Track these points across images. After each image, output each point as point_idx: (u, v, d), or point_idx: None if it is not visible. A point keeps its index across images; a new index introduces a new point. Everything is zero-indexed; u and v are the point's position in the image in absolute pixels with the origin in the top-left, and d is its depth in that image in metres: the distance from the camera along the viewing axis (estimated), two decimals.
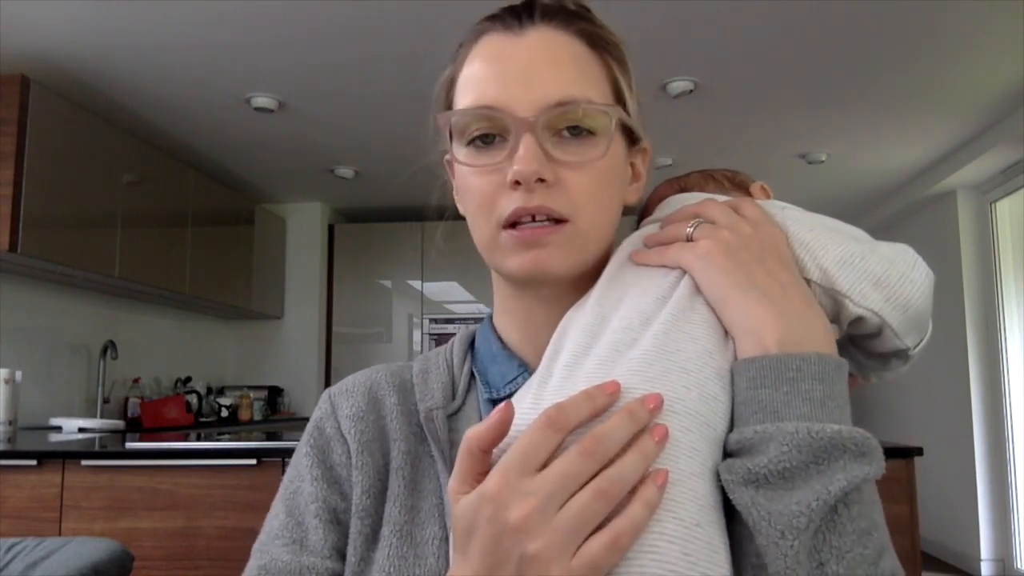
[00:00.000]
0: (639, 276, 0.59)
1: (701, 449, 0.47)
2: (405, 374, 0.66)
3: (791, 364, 0.50)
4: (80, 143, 3.25)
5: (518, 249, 0.57)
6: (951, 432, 4.53)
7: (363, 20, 2.77)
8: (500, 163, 0.57)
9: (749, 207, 0.60)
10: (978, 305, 4.40)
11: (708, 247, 0.56)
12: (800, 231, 0.59)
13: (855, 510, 0.47)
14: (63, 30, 2.80)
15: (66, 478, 2.15)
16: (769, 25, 2.80)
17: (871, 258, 0.57)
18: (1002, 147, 3.81)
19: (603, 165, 0.59)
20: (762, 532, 0.46)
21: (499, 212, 0.57)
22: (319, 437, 0.63)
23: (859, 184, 4.85)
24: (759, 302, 0.53)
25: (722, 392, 0.51)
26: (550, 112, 0.56)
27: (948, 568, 4.49)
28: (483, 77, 0.59)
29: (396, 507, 0.58)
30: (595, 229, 0.59)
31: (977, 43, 2.94)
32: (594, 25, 0.61)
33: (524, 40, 0.59)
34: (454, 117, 0.59)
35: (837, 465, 0.46)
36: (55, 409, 3.43)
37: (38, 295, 3.45)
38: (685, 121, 3.74)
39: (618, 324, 0.53)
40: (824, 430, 0.47)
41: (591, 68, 0.60)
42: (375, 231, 5.37)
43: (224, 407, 4.39)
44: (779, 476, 0.46)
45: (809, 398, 0.49)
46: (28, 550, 1.53)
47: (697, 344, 0.52)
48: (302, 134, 3.92)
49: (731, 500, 0.47)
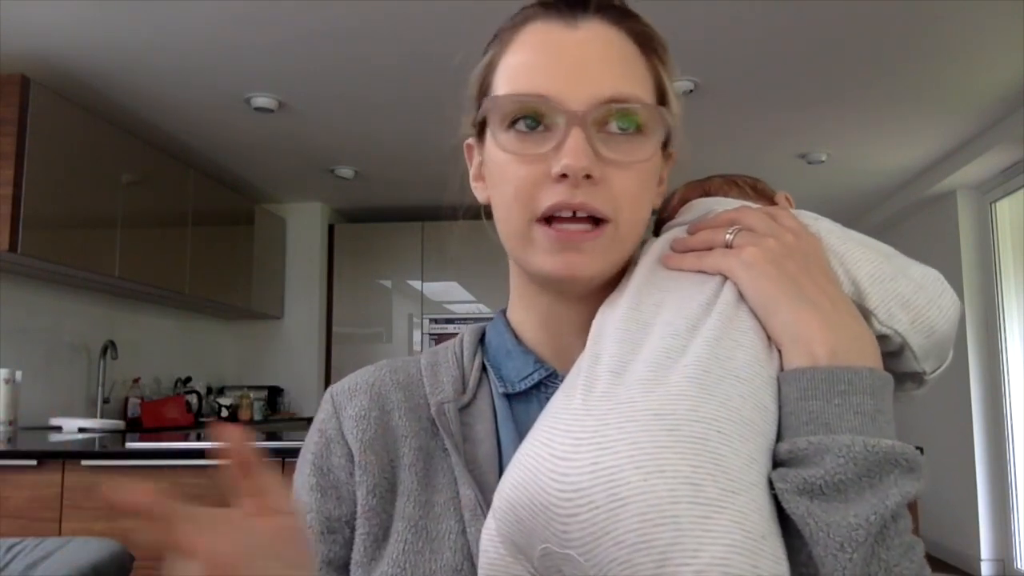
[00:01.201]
0: (676, 281, 0.58)
1: (758, 459, 0.47)
2: (411, 368, 0.65)
3: (843, 377, 0.50)
4: (80, 143, 3.25)
5: (552, 249, 0.56)
6: (951, 432, 4.53)
7: (363, 21, 2.76)
8: (545, 153, 0.55)
9: (787, 217, 0.60)
10: (978, 305, 4.40)
11: (754, 255, 0.56)
12: (835, 243, 0.59)
13: (902, 524, 0.47)
14: (63, 30, 2.80)
15: (66, 478, 2.14)
16: (769, 25, 2.80)
17: (902, 279, 0.57)
18: (1002, 147, 3.81)
19: (646, 167, 0.58)
20: (820, 543, 0.45)
21: (537, 204, 0.55)
22: (320, 440, 0.62)
23: (859, 184, 4.85)
24: (808, 312, 0.52)
25: (771, 402, 0.50)
26: (602, 108, 0.55)
27: (948, 568, 4.49)
28: (534, 65, 0.57)
29: (410, 503, 0.57)
30: (631, 231, 0.58)
31: (977, 43, 2.94)
32: (644, 26, 0.60)
33: (578, 32, 0.57)
34: (501, 101, 0.57)
35: (889, 480, 0.47)
36: (55, 409, 3.42)
37: (38, 295, 3.45)
38: (685, 121, 3.71)
39: (664, 330, 0.53)
40: (880, 444, 0.47)
41: (640, 68, 0.59)
42: (375, 231, 5.37)
43: (224, 407, 4.39)
44: (834, 488, 0.46)
45: (860, 411, 0.49)
46: (28, 550, 1.53)
47: (747, 352, 0.51)
48: (302, 134, 3.92)
49: (785, 510, 0.47)
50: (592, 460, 0.44)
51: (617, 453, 0.44)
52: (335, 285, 5.35)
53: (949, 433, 4.54)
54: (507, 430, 0.60)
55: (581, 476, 0.44)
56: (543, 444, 0.48)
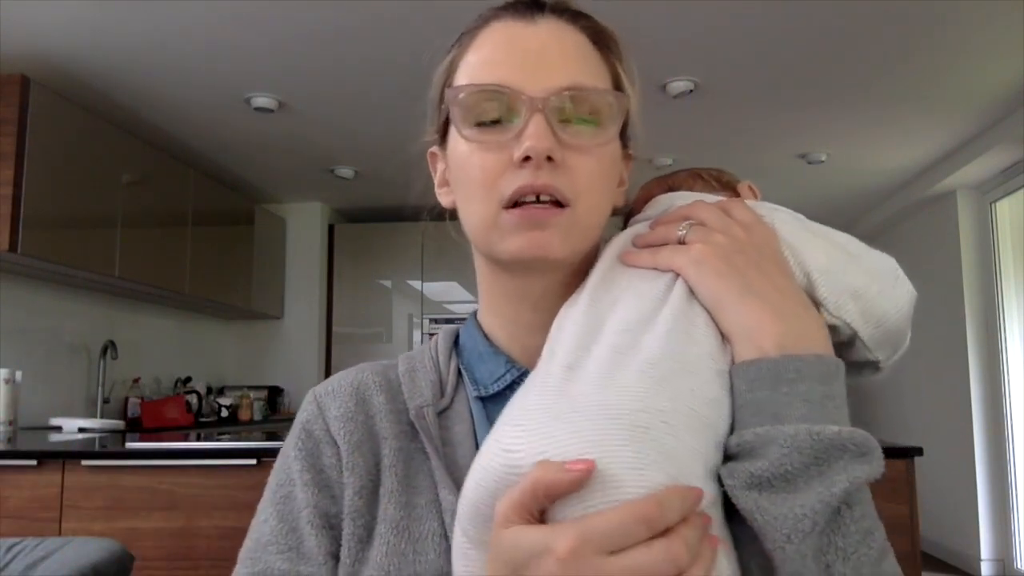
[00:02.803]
0: (631, 277, 0.59)
1: (704, 451, 0.47)
2: (391, 373, 0.66)
3: (790, 366, 0.50)
4: (80, 143, 3.25)
5: (519, 229, 0.57)
6: (951, 432, 4.53)
7: (363, 20, 2.77)
8: (507, 141, 0.57)
9: (740, 209, 0.60)
10: (978, 305, 4.40)
11: (702, 251, 0.56)
12: (788, 234, 0.59)
13: (858, 511, 0.47)
14: (63, 30, 2.80)
15: (66, 478, 2.14)
16: (769, 25, 2.80)
17: (853, 270, 0.58)
18: (1002, 147, 3.81)
19: (605, 153, 0.59)
20: (768, 536, 0.46)
21: (502, 190, 0.57)
22: (307, 440, 0.62)
23: (859, 184, 4.85)
24: (755, 305, 0.53)
25: (723, 394, 0.51)
26: (560, 95, 0.56)
27: (948, 568, 4.49)
28: (494, 59, 0.59)
29: (392, 504, 0.58)
30: (592, 217, 0.59)
31: (977, 43, 2.94)
32: (598, 23, 0.63)
33: (536, 28, 0.60)
34: (462, 93, 0.58)
35: (838, 466, 0.46)
36: (55, 409, 3.42)
37: (38, 295, 3.45)
38: (685, 121, 3.74)
39: (616, 326, 0.53)
40: (824, 431, 0.47)
41: (596, 61, 0.61)
42: (375, 231, 5.37)
43: (224, 407, 4.39)
44: (781, 479, 0.46)
45: (808, 399, 0.49)
46: (28, 550, 1.53)
47: (699, 347, 0.52)
48: (302, 134, 3.92)
49: (736, 506, 0.47)
50: (539, 451, 0.45)
51: (562, 443, 0.45)
52: (335, 285, 5.35)
53: (949, 433, 4.55)
54: (484, 432, 0.60)
55: (529, 465, 0.45)
56: (496, 442, 0.49)
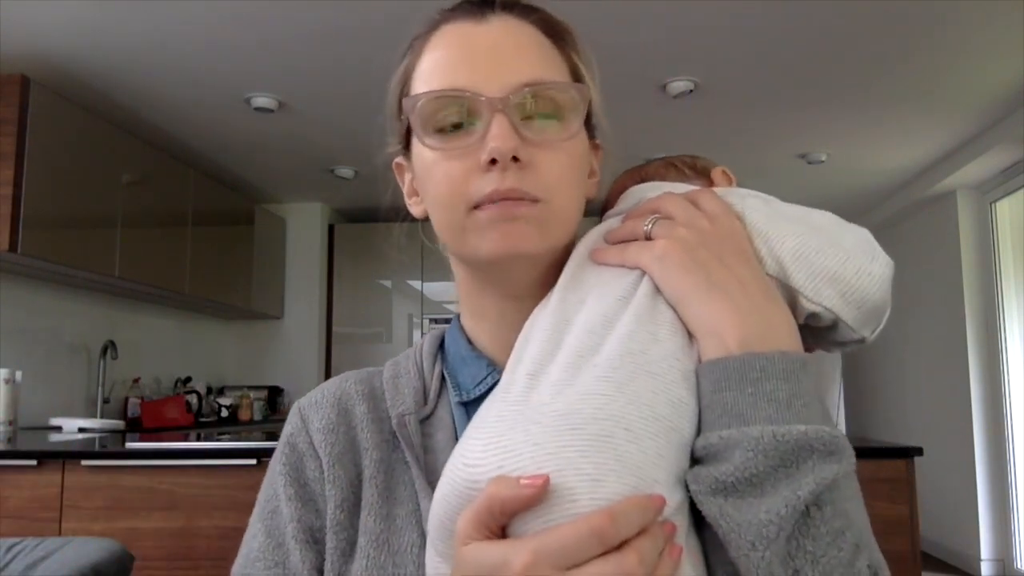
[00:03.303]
0: (600, 276, 0.57)
1: (667, 455, 0.46)
2: (375, 381, 0.65)
3: (754, 364, 0.48)
4: (80, 143, 3.25)
5: (492, 224, 0.55)
6: (951, 432, 4.53)
7: (363, 21, 2.77)
8: (471, 145, 0.55)
9: (708, 199, 0.58)
10: (978, 305, 4.40)
11: (665, 247, 0.55)
12: (758, 221, 0.57)
13: (827, 511, 0.45)
14: (63, 30, 2.80)
15: (66, 478, 2.14)
16: (769, 25, 2.80)
17: (828, 251, 0.55)
18: (1002, 147, 3.81)
19: (572, 147, 0.58)
20: (732, 544, 0.45)
21: (470, 195, 0.55)
22: (291, 453, 0.61)
23: (859, 184, 4.85)
24: (719, 301, 0.51)
25: (689, 395, 0.49)
26: (520, 92, 0.55)
27: (948, 568, 4.49)
28: (448, 62, 0.58)
29: (371, 517, 0.57)
30: (565, 212, 0.58)
31: (977, 43, 2.94)
32: (550, 16, 0.62)
33: (487, 26, 0.58)
34: (420, 102, 0.57)
35: (806, 467, 0.45)
36: (55, 409, 3.42)
37: (38, 295, 3.45)
38: (685, 121, 3.74)
39: (580, 328, 0.52)
40: (790, 432, 0.45)
41: (552, 55, 0.60)
42: (375, 231, 5.37)
43: (224, 407, 4.39)
44: (747, 483, 0.45)
45: (774, 399, 0.47)
46: (28, 550, 1.53)
47: (662, 346, 0.50)
48: (302, 134, 3.92)
49: (701, 512, 0.46)
50: (497, 464, 0.44)
51: (520, 455, 0.44)
52: (335, 285, 5.35)
53: (949, 433, 4.55)
54: None
55: (488, 480, 0.44)
56: (459, 455, 0.48)
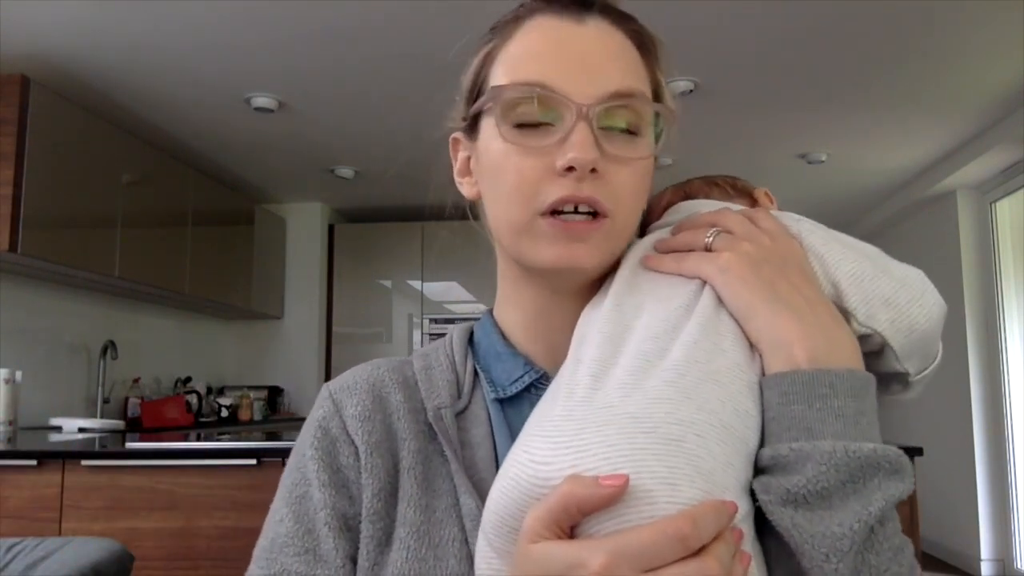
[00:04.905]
0: (655, 283, 0.58)
1: (735, 463, 0.47)
2: (407, 371, 0.64)
3: (824, 380, 0.49)
4: (80, 143, 3.25)
5: (557, 239, 0.55)
6: (951, 432, 4.53)
7: (363, 21, 2.77)
8: (548, 146, 0.55)
9: (766, 219, 0.60)
10: (978, 305, 4.40)
11: (730, 259, 0.55)
12: (815, 244, 0.58)
13: (889, 528, 0.47)
14: (63, 30, 2.80)
15: (66, 478, 2.14)
16: (769, 25, 2.80)
17: (882, 278, 0.57)
18: (1002, 147, 3.81)
19: (645, 166, 0.58)
20: (806, 555, 0.45)
21: (542, 197, 0.55)
22: (324, 438, 0.60)
23: (859, 184, 4.85)
24: (786, 316, 0.52)
25: (753, 407, 0.50)
26: (608, 102, 0.55)
27: (948, 568, 4.49)
28: (539, 55, 0.57)
29: (411, 508, 0.56)
30: (626, 228, 0.59)
31: (977, 43, 2.94)
32: (643, 28, 0.61)
33: (584, 28, 0.58)
34: (507, 92, 0.56)
35: (873, 484, 0.46)
36: (55, 409, 3.42)
37: (38, 295, 3.45)
38: (685, 121, 3.68)
39: (644, 333, 0.52)
40: (861, 449, 0.47)
41: (640, 68, 0.59)
42: (375, 231, 5.37)
43: (224, 407, 4.39)
44: (817, 496, 0.46)
45: (842, 415, 0.48)
46: (28, 550, 1.53)
47: (727, 356, 0.51)
48: (302, 134, 3.92)
49: (770, 520, 0.47)
50: (571, 463, 0.44)
51: (595, 455, 0.44)
52: (335, 285, 5.35)
53: (949, 433, 4.55)
54: (501, 434, 0.60)
55: (560, 479, 0.44)
56: (525, 452, 0.48)
